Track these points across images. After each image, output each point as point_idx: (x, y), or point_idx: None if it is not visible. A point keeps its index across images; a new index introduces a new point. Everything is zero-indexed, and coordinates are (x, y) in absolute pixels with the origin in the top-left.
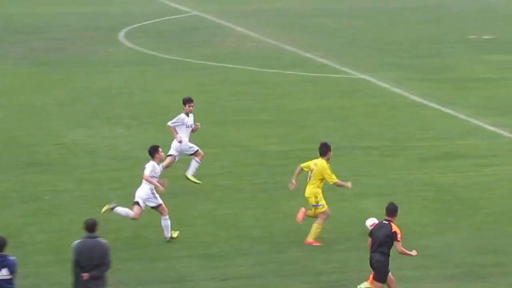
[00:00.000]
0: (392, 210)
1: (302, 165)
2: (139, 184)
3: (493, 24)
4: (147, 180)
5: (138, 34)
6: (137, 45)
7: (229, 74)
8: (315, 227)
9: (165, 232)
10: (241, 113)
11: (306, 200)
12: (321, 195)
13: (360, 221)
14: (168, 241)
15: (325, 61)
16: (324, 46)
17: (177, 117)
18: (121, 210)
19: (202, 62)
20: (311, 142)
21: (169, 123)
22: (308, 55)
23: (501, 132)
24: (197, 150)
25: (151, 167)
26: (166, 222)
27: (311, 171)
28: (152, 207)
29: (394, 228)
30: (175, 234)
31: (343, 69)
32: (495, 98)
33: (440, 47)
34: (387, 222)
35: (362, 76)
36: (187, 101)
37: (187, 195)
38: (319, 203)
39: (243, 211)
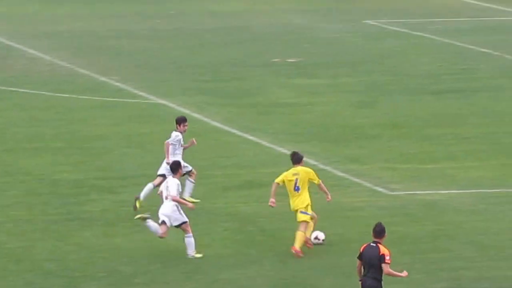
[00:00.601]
0: (379, 232)
1: (277, 180)
2: None
3: (298, 46)
4: (176, 201)
5: None
6: None
7: (20, 99)
8: (301, 235)
9: (189, 250)
10: (33, 140)
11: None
12: (310, 204)
13: (158, 253)
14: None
15: (121, 85)
16: (120, 69)
17: (175, 138)
18: (152, 224)
19: None
20: (106, 170)
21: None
22: (103, 79)
23: (306, 159)
24: (191, 170)
25: (177, 186)
26: (189, 240)
27: (296, 181)
28: (176, 226)
29: (382, 250)
30: (198, 255)
31: (141, 93)
32: (300, 124)
33: (243, 71)
34: (374, 245)
35: (160, 101)
36: (182, 120)
37: None
38: (308, 212)
39: (35, 243)
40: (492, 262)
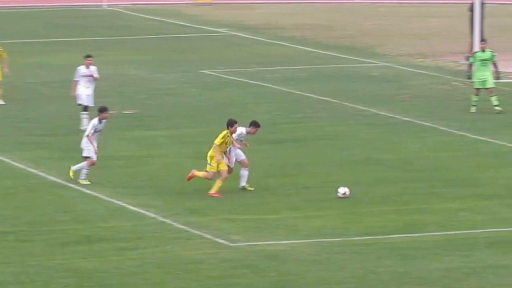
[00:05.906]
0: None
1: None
2: None
3: (134, 98)
4: None
5: None
6: None
7: None
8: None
9: None
10: None
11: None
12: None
13: None
14: None
15: None
16: None
17: None
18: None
19: None
20: None
21: None
22: None
23: (145, 212)
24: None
25: None
26: None
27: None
28: None
29: None
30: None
31: None
32: (139, 177)
33: (79, 124)
34: None
35: None
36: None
37: None
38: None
39: None
40: None
